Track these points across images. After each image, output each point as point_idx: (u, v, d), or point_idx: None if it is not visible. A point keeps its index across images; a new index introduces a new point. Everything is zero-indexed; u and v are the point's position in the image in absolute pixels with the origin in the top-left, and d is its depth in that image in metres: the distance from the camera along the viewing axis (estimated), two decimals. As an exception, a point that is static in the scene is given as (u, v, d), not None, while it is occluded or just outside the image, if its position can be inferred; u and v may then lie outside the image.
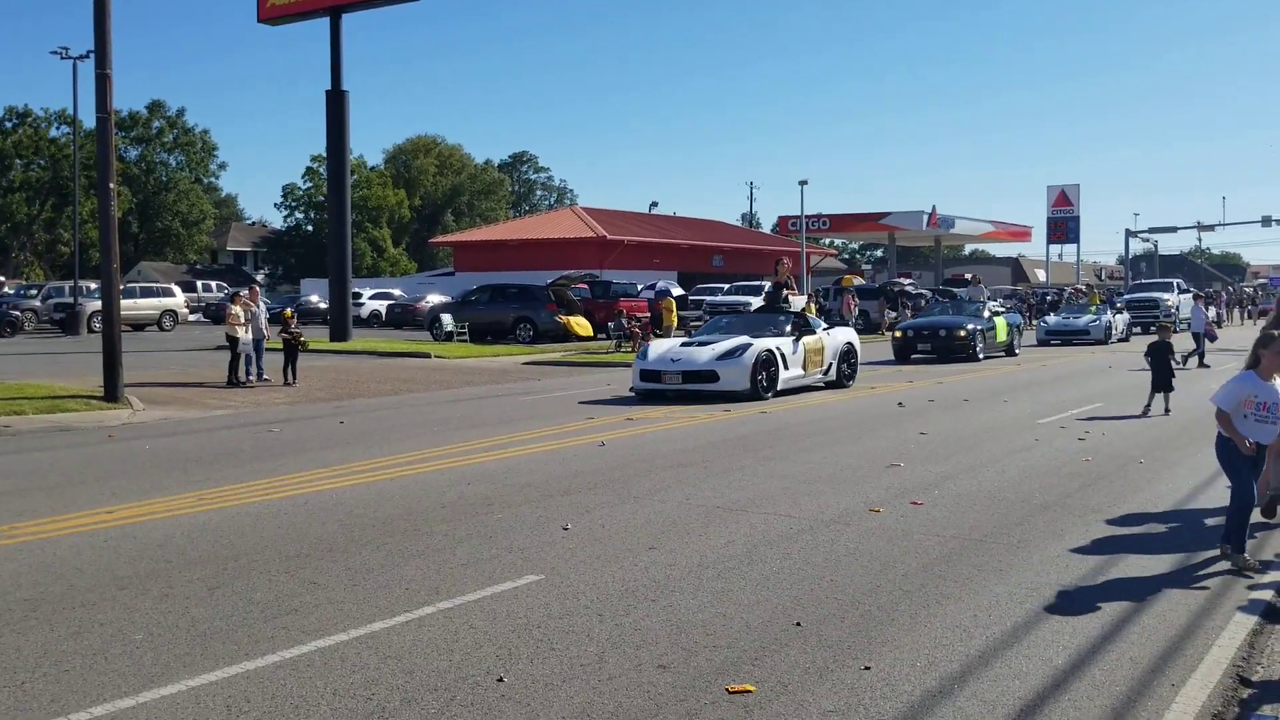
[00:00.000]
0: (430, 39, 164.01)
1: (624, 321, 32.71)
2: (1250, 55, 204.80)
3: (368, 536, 7.95)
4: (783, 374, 17.99)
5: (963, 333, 26.99)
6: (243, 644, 5.55)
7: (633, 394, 18.22)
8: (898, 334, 28.46)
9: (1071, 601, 6.31)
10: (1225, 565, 7.12)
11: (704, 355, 17.78)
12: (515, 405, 17.65)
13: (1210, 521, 8.46)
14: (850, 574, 6.88)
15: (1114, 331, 35.91)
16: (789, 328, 18.89)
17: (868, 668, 5.21)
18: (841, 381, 19.79)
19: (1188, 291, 46.00)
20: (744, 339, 18.02)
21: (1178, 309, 42.92)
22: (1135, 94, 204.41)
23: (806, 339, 18.87)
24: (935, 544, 7.66)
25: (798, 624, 5.86)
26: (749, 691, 4.90)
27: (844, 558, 7.29)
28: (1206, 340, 24.87)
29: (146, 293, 44.54)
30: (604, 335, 34.83)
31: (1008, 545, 7.64)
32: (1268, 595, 6.52)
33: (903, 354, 27.48)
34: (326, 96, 34.06)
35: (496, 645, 5.52)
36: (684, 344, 18.84)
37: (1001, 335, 28.66)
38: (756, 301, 41.98)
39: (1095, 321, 35.34)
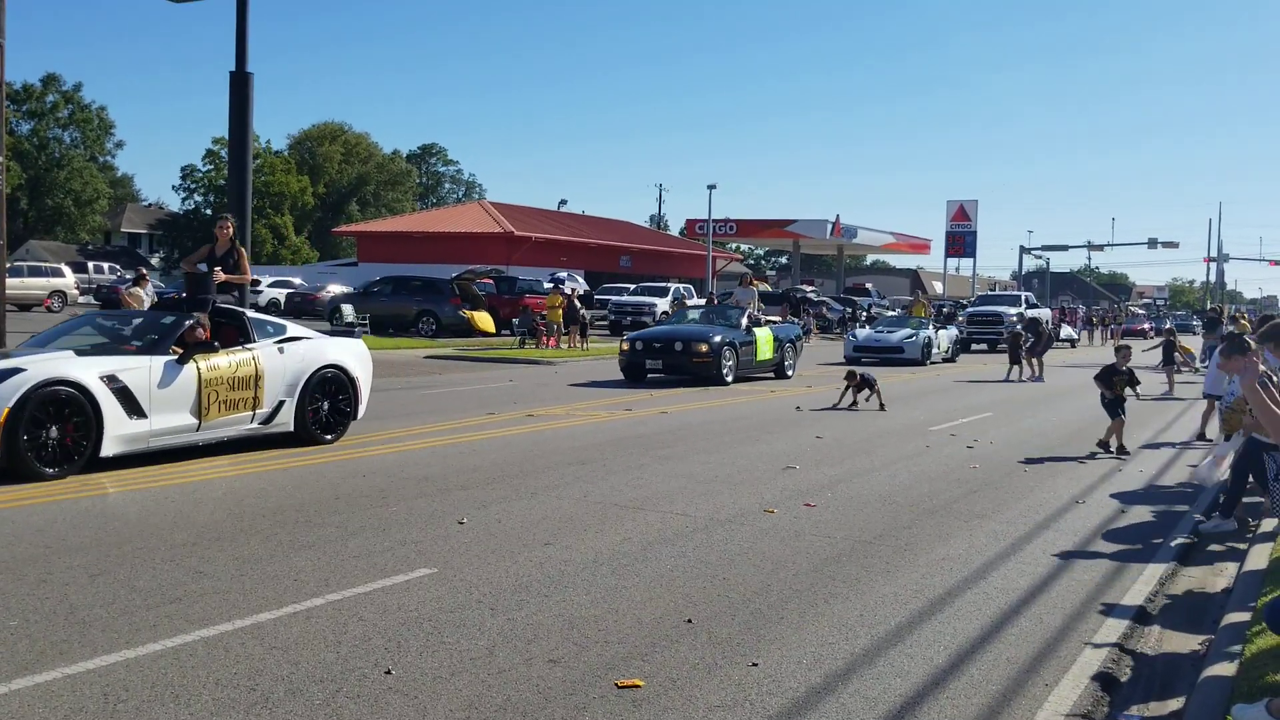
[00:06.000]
0: (340, 25, 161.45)
1: (533, 318, 32.60)
2: (1142, 74, 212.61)
3: (257, 526, 7.81)
4: (122, 427, 9.81)
5: (704, 348, 20.77)
6: (123, 632, 5.41)
7: None
8: (624, 345, 21.96)
9: (954, 603, 6.48)
10: (1098, 571, 7.41)
11: None
12: (414, 399, 17.49)
13: (1087, 529, 8.77)
14: (742, 573, 6.97)
15: (934, 349, 30.97)
16: (179, 335, 10.76)
17: (755, 664, 5.29)
18: (309, 433, 11.73)
19: (1037, 306, 42.92)
20: (30, 357, 9.82)
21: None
22: (1033, 108, 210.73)
23: (214, 361, 10.77)
24: (826, 545, 7.81)
25: (689, 621, 5.92)
26: (638, 686, 4.94)
27: (737, 557, 7.38)
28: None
29: (35, 272, 43.01)
30: (508, 331, 34.68)
31: (895, 547, 7.82)
32: (1139, 600, 6.79)
33: (633, 373, 21.40)
34: (230, 78, 33.17)
35: (386, 637, 5.48)
36: None
37: (765, 352, 22.67)
38: (662, 304, 42.23)
39: (911, 338, 30.13)
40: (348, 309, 36.13)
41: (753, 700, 4.85)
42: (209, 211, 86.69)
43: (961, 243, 74.68)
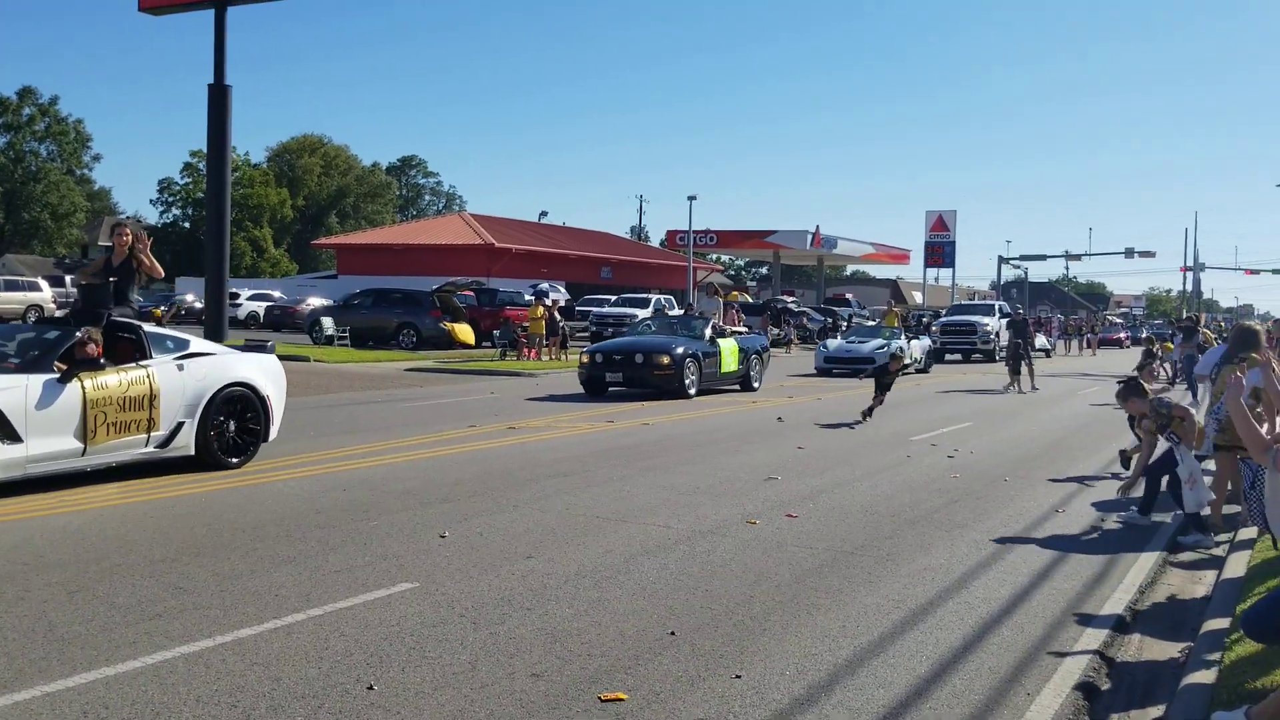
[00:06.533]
0: (319, 37, 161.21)
1: (515, 330, 32.56)
2: (1117, 79, 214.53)
3: (237, 541, 7.77)
4: None
5: (665, 360, 20.19)
6: (103, 649, 5.38)
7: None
8: (584, 359, 21.42)
9: (936, 613, 6.50)
10: (1078, 579, 7.46)
11: None
12: (395, 411, 17.43)
13: (1067, 537, 8.82)
14: (725, 584, 6.98)
15: (907, 360, 28.99)
16: (64, 351, 9.86)
17: (739, 676, 5.29)
18: (213, 456, 10.80)
19: (1010, 315, 40.53)
20: None
21: (998, 335, 39.05)
22: (1013, 113, 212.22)
23: (103, 379, 9.82)
24: (808, 556, 7.82)
25: (672, 633, 5.92)
26: (621, 700, 4.93)
27: (720, 568, 7.39)
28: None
29: (11, 286, 42.77)
30: (489, 343, 34.64)
31: (877, 558, 7.84)
32: (1119, 608, 6.83)
33: (593, 387, 20.79)
34: (209, 91, 33.16)
35: (368, 653, 5.46)
36: None
37: (730, 363, 22.00)
38: (643, 314, 42.27)
39: (883, 348, 29.18)
40: (328, 321, 36.06)
41: (736, 712, 4.85)
42: (187, 225, 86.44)
43: (941, 253, 75.03)
